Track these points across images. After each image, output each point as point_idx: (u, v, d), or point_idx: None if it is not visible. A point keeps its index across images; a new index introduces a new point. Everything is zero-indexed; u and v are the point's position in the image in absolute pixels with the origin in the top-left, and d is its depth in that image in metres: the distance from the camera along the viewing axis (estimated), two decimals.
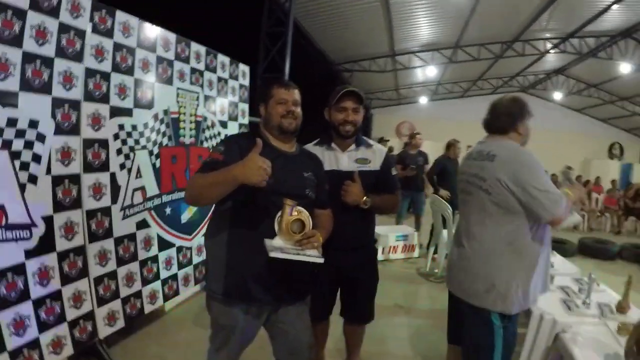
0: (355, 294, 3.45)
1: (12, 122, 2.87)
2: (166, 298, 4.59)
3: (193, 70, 4.78)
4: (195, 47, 4.78)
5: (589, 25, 14.20)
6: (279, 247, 2.35)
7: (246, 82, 5.92)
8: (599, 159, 26.18)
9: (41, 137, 3.08)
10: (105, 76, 3.61)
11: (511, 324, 2.80)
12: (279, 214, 2.40)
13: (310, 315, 2.90)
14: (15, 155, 2.91)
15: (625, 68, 16.00)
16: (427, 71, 19.43)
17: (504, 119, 2.99)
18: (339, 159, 3.29)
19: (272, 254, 2.27)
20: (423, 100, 26.74)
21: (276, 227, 2.43)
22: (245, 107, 5.99)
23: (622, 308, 3.41)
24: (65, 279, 3.33)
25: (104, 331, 3.75)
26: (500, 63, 19.00)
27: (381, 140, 18.08)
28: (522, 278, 2.74)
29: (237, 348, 2.70)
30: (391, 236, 7.99)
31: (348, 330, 3.66)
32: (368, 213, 3.28)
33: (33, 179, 3.04)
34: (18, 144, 2.92)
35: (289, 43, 8.88)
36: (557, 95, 24.03)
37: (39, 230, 3.10)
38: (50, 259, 3.21)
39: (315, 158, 2.89)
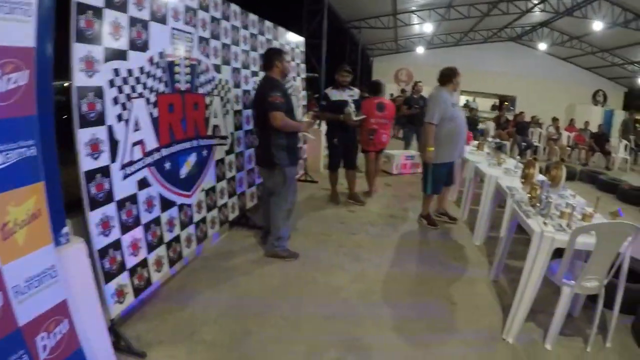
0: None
1: None
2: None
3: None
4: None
5: None
6: None
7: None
8: (582, 104, 27.62)
9: None
10: None
11: (442, 167, 6.36)
12: None
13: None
14: None
15: (597, 26, 18.01)
16: (424, 27, 21.54)
17: (443, 78, 6.29)
18: (342, 94, 7.14)
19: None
20: (420, 49, 28.18)
21: None
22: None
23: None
24: None
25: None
26: (490, 17, 20.83)
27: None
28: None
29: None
30: (402, 157, 10.87)
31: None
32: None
33: None
34: None
35: (325, 18, 11.02)
36: (543, 46, 25.51)
37: None
38: None
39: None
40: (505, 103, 29.28)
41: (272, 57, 5.07)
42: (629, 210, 9.50)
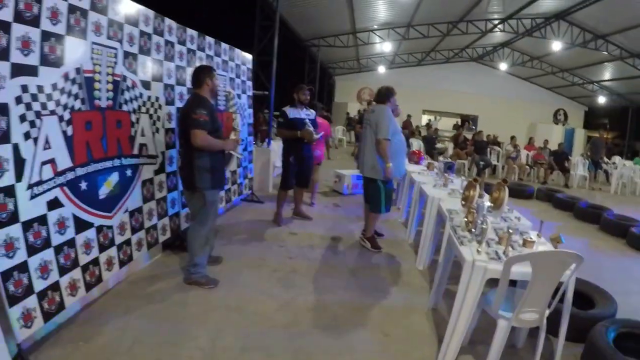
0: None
1: None
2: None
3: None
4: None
5: (526, 8, 16.36)
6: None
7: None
8: (544, 123, 28.47)
9: None
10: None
11: (388, 184, 6.33)
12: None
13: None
14: None
15: (556, 46, 18.47)
16: (384, 47, 21.69)
17: (382, 97, 6.34)
18: (300, 112, 7.22)
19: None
20: (381, 69, 28.50)
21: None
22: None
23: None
24: None
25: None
26: (451, 37, 21.04)
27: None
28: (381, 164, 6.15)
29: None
30: (352, 176, 10.66)
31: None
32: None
33: None
34: None
35: (276, 35, 10.86)
36: (504, 66, 26.05)
37: None
38: None
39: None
40: (469, 123, 29.67)
41: (202, 74, 4.81)
42: (586, 228, 9.51)
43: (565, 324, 3.70)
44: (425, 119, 29.85)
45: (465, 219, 4.32)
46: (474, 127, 28.09)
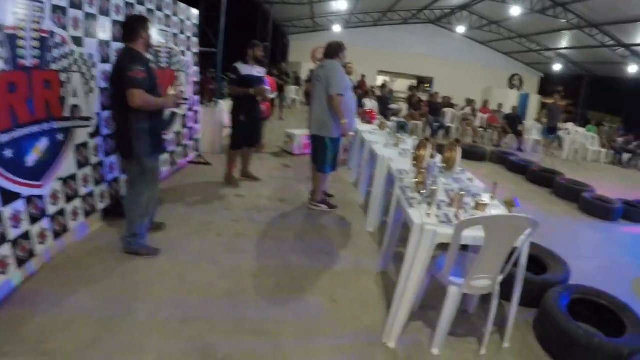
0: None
1: None
2: None
3: None
4: None
5: None
6: None
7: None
8: (499, 87, 28.61)
9: None
10: None
11: (335, 142, 6.22)
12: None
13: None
14: None
15: (515, 11, 18.67)
16: (340, 5, 21.24)
17: (332, 52, 6.15)
18: (252, 70, 6.98)
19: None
20: (337, 28, 28.05)
21: None
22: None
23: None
24: None
25: None
26: None
27: None
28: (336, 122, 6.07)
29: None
30: (304, 136, 10.34)
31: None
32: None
33: None
34: None
35: None
36: (461, 29, 26.09)
37: None
38: None
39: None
40: (426, 85, 29.79)
41: (136, 25, 4.35)
42: (539, 192, 9.65)
43: (518, 289, 3.64)
44: (380, 79, 29.73)
45: (415, 180, 4.16)
46: (429, 89, 28.19)
